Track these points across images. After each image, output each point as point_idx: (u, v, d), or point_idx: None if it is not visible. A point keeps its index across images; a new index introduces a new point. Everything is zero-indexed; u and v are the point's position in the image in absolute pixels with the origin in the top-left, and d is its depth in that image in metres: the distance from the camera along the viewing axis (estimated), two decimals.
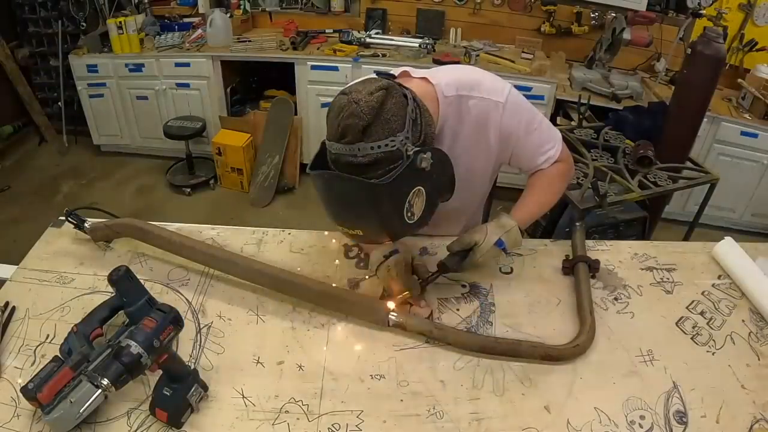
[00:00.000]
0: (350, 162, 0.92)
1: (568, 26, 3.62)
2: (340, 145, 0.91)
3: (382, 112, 0.91)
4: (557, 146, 1.25)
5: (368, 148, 0.90)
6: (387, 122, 0.91)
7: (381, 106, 0.91)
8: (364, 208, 0.96)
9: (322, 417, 1.01)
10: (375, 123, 0.90)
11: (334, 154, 0.93)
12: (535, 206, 1.29)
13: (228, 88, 3.82)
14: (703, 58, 2.17)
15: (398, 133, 0.92)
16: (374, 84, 0.95)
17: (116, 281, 1.07)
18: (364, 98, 0.91)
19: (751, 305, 1.27)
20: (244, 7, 3.93)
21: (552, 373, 1.10)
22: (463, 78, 1.15)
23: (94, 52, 3.62)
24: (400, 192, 0.95)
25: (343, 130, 0.90)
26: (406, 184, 0.95)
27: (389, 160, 0.92)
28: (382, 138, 0.91)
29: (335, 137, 0.92)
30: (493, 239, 1.18)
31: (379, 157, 0.91)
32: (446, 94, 1.12)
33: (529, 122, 1.19)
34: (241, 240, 1.42)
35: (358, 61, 3.43)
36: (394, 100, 0.94)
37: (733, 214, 3.45)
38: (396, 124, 0.92)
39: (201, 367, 1.09)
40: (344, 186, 0.93)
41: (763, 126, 3.11)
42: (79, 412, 0.90)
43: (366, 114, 0.89)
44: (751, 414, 1.03)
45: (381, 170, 0.92)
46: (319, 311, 1.22)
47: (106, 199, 3.61)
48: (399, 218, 0.97)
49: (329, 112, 0.95)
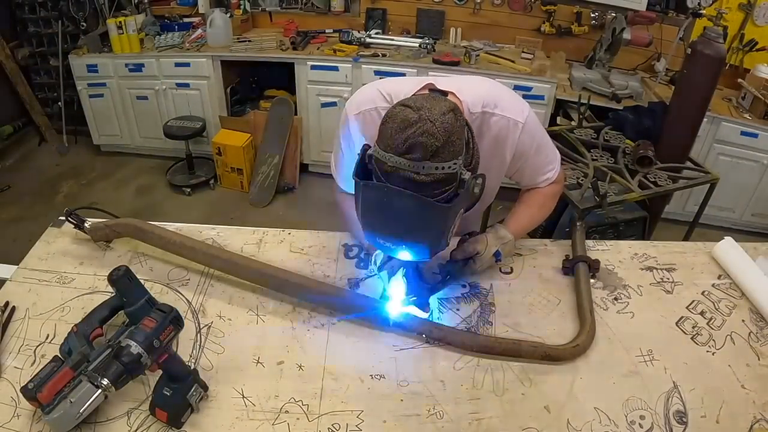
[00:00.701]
0: (410, 178, 0.89)
1: (568, 26, 3.62)
2: (404, 160, 0.89)
3: (451, 137, 0.90)
4: (557, 168, 1.31)
5: (433, 167, 0.89)
6: (453, 144, 0.91)
7: (450, 131, 0.90)
8: (416, 225, 0.94)
9: (322, 417, 1.01)
10: (445, 145, 0.89)
11: (391, 166, 0.90)
12: (527, 222, 1.35)
13: (228, 88, 3.81)
14: (703, 58, 2.16)
15: (459, 156, 0.92)
16: (443, 103, 0.93)
17: (116, 281, 1.07)
18: (439, 118, 0.89)
19: (751, 305, 1.27)
20: (244, 7, 3.93)
21: (552, 373, 1.10)
22: (488, 94, 1.16)
23: (94, 52, 3.62)
24: (452, 214, 0.96)
25: (411, 145, 0.88)
26: (458, 206, 0.96)
27: (446, 182, 0.92)
28: (447, 160, 0.90)
29: (398, 151, 0.89)
30: (493, 250, 1.25)
31: (440, 177, 0.90)
32: (472, 110, 1.14)
33: (540, 144, 1.24)
34: (241, 240, 1.42)
35: (358, 61, 3.43)
36: (459, 123, 0.93)
37: (733, 214, 3.45)
38: (459, 148, 0.92)
39: (201, 367, 1.09)
40: (404, 202, 0.91)
41: (763, 126, 3.11)
42: (79, 412, 0.90)
43: (441, 135, 0.88)
44: (751, 414, 1.03)
45: (437, 190, 0.91)
46: (319, 311, 1.22)
47: (106, 199, 3.61)
48: (443, 239, 0.98)
49: (387, 122, 0.92)
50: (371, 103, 1.17)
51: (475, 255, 1.24)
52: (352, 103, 1.21)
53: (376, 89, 1.18)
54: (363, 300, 1.22)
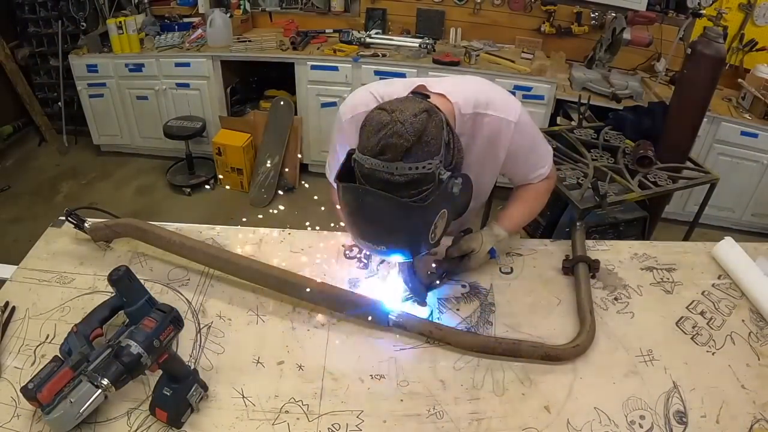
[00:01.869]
0: (385, 179, 0.91)
1: (568, 26, 3.62)
2: (377, 161, 0.91)
3: (424, 135, 0.91)
4: (549, 164, 1.32)
5: (406, 168, 0.90)
6: (427, 145, 0.91)
7: (424, 128, 0.91)
8: (393, 226, 0.96)
9: (322, 417, 1.01)
10: (417, 145, 0.90)
11: (368, 168, 0.92)
12: (521, 217, 1.37)
13: (228, 88, 3.81)
14: (703, 58, 2.16)
15: (435, 156, 0.93)
16: (417, 105, 0.95)
17: (116, 281, 1.07)
18: (409, 119, 0.91)
19: (751, 305, 1.27)
20: (244, 7, 3.93)
21: (552, 373, 1.10)
22: (479, 95, 1.17)
23: (94, 52, 3.62)
24: (430, 214, 0.97)
25: (383, 147, 0.90)
26: (436, 206, 0.97)
27: (423, 181, 0.92)
28: (421, 160, 0.91)
29: (373, 153, 0.91)
30: (488, 248, 1.27)
31: (415, 177, 0.91)
32: (464, 112, 1.14)
33: (533, 142, 1.25)
34: (241, 240, 1.42)
35: (358, 61, 3.43)
36: (434, 123, 0.94)
37: (733, 214, 3.45)
38: (434, 148, 0.93)
39: (201, 367, 1.09)
40: (378, 202, 0.93)
41: (763, 126, 3.11)
42: (79, 412, 0.90)
43: (410, 135, 0.90)
44: (751, 414, 1.03)
45: (414, 190, 0.92)
46: (319, 311, 1.22)
47: (106, 199, 3.60)
48: (424, 238, 0.99)
49: (365, 126, 0.94)
50: (364, 106, 1.16)
51: (470, 252, 1.26)
52: (346, 106, 1.21)
53: (368, 92, 1.19)
54: (363, 300, 1.22)
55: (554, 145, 2.39)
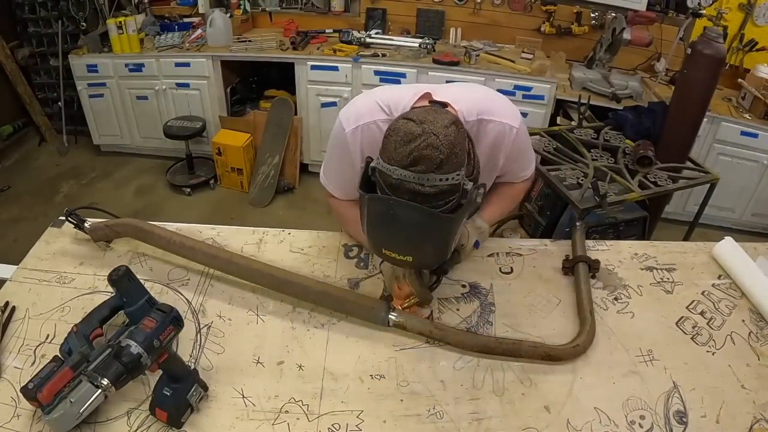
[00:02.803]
0: (415, 190, 0.91)
1: (568, 26, 3.62)
2: (408, 173, 0.90)
3: (454, 148, 0.92)
4: (533, 167, 1.37)
5: (437, 179, 0.90)
6: (456, 156, 0.92)
7: (453, 143, 0.92)
8: (424, 237, 0.96)
9: (322, 417, 1.01)
10: (449, 157, 0.91)
11: (396, 179, 0.91)
12: (499, 214, 1.40)
13: (228, 88, 3.81)
14: (703, 58, 2.16)
15: (462, 167, 0.94)
16: (445, 116, 0.95)
17: (116, 281, 1.07)
18: (442, 131, 0.91)
19: (751, 305, 1.27)
20: (244, 7, 3.93)
21: (552, 373, 1.10)
22: (482, 102, 1.17)
23: (94, 52, 3.62)
24: (457, 224, 0.98)
25: (416, 158, 0.90)
26: (462, 217, 0.98)
27: (450, 192, 0.93)
28: (451, 172, 0.91)
29: (403, 164, 0.91)
30: (473, 241, 1.28)
31: (444, 189, 0.92)
32: (468, 119, 1.14)
33: (527, 146, 1.29)
34: (241, 240, 1.42)
35: (358, 61, 3.43)
36: (462, 135, 0.96)
37: (733, 214, 3.45)
38: (462, 159, 0.94)
39: (201, 367, 1.09)
40: (411, 214, 0.92)
41: (763, 126, 3.11)
42: (79, 412, 0.90)
43: (445, 148, 0.90)
44: (751, 414, 1.03)
45: (441, 201, 0.93)
46: (319, 311, 1.23)
47: (106, 199, 3.61)
48: (449, 248, 1.01)
49: (391, 135, 0.94)
50: (369, 116, 1.16)
51: (459, 246, 1.25)
52: (349, 115, 1.18)
53: (373, 101, 1.17)
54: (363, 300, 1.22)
55: (554, 145, 2.40)
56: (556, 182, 2.14)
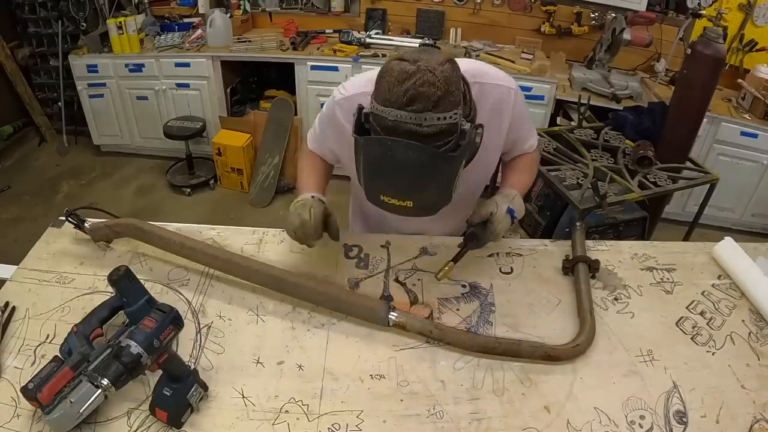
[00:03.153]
0: (412, 131, 0.89)
1: (568, 26, 3.62)
2: (405, 113, 0.88)
3: (450, 86, 0.90)
4: (536, 135, 1.38)
5: (435, 118, 0.88)
6: (452, 95, 0.90)
7: (449, 79, 0.90)
8: (424, 178, 0.94)
9: (322, 417, 1.01)
10: (445, 95, 0.89)
11: (392, 121, 0.89)
12: (520, 181, 1.34)
13: (228, 88, 3.82)
14: (703, 58, 2.17)
15: (458, 107, 0.92)
16: (439, 55, 0.93)
17: (116, 281, 1.07)
18: (438, 68, 0.89)
19: (751, 305, 1.27)
20: (244, 7, 3.93)
21: (552, 373, 1.10)
22: (473, 66, 1.17)
23: (94, 52, 3.63)
24: (458, 164, 0.96)
25: (412, 97, 0.87)
26: (462, 157, 0.96)
27: (448, 132, 0.91)
28: (448, 110, 0.89)
29: (399, 104, 0.88)
30: (505, 207, 1.22)
31: (442, 128, 0.90)
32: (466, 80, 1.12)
33: (526, 111, 1.30)
34: (241, 240, 1.42)
35: (358, 62, 3.43)
36: (457, 73, 0.93)
37: (733, 214, 3.45)
38: (457, 98, 0.92)
39: (201, 367, 1.09)
40: (410, 154, 0.89)
41: (763, 126, 3.11)
42: (79, 412, 0.90)
43: (441, 84, 0.88)
44: (751, 414, 1.03)
45: (440, 142, 0.91)
46: (320, 311, 1.22)
47: (106, 199, 3.61)
48: (450, 190, 0.99)
49: (384, 76, 0.91)
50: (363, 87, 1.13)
51: (490, 216, 1.22)
52: (345, 84, 1.21)
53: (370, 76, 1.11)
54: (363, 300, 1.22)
55: (554, 146, 2.40)
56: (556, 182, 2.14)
